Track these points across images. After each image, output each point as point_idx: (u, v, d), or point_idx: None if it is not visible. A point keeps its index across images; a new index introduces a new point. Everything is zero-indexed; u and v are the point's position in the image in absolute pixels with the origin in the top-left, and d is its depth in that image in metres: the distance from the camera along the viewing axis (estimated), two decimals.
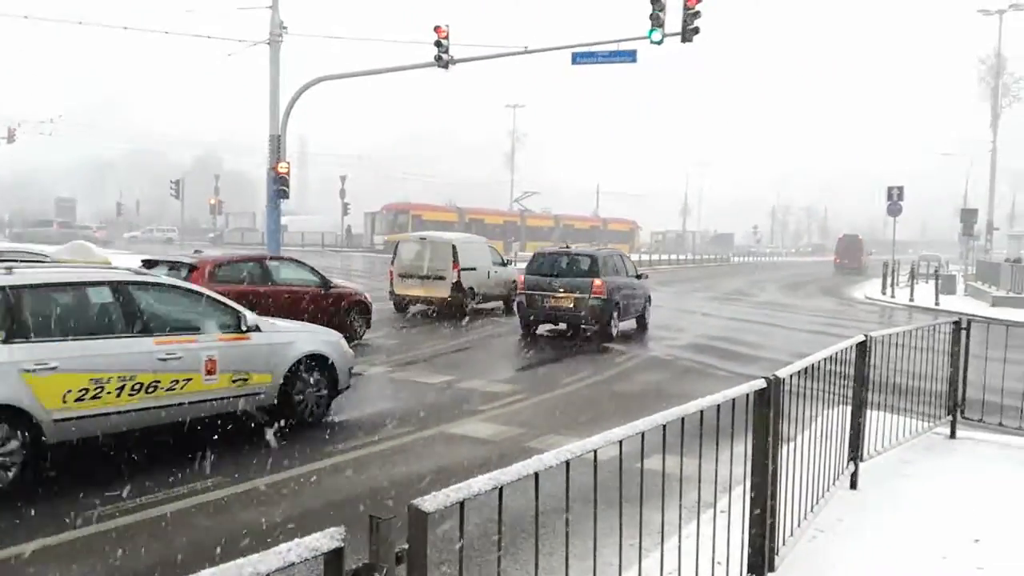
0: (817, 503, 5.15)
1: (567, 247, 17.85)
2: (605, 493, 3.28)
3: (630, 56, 24.30)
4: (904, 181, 35.68)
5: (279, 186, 26.63)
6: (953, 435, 7.84)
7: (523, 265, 18.37)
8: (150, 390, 6.69)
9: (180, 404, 6.98)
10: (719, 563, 3.94)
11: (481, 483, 2.36)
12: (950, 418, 7.87)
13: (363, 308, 14.81)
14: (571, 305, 15.42)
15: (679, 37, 22.71)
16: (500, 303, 20.52)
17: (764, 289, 36.44)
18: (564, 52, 25.35)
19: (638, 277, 17.78)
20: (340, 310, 14.09)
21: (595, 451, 2.89)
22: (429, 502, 2.17)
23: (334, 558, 1.95)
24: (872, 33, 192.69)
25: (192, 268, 12.23)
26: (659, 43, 22.77)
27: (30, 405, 5.94)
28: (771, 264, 73.59)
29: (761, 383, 4.02)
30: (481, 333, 16.73)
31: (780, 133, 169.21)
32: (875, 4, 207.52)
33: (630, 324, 17.43)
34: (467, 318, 18.15)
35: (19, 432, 5.89)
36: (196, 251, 15.48)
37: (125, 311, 6.82)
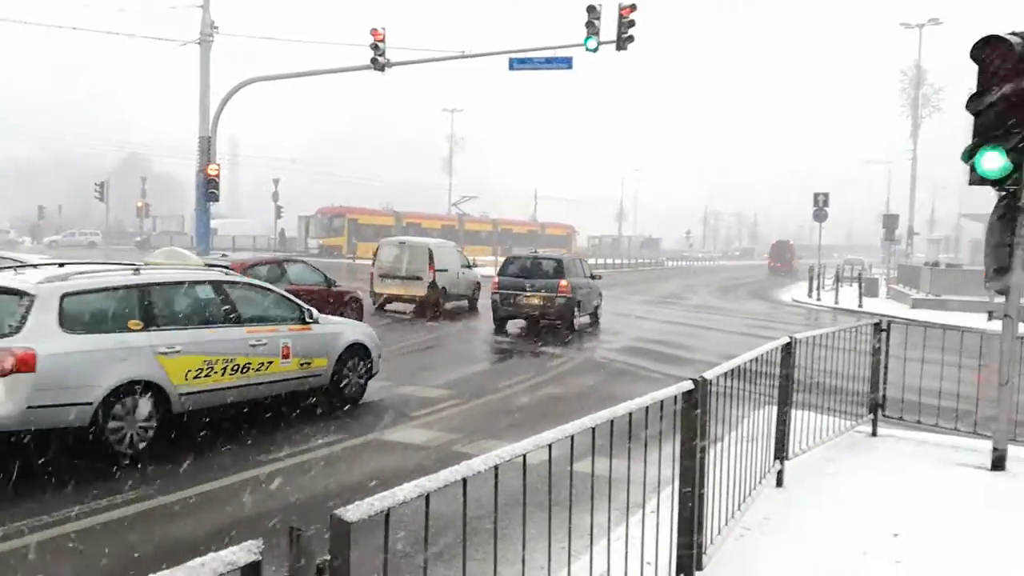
0: (744, 502, 5.25)
1: (536, 252, 20.73)
2: (536, 497, 3.28)
3: (566, 63, 24.62)
4: (830, 188, 36.86)
5: (209, 188, 26.04)
6: (874, 433, 8.11)
7: (483, 269, 22.38)
8: (244, 370, 8.08)
9: (265, 383, 8.39)
10: (648, 563, 3.99)
11: (407, 491, 2.33)
12: (871, 417, 8.14)
13: (358, 304, 17.13)
14: (540, 302, 17.48)
15: (614, 45, 23.07)
16: (465, 302, 22.53)
17: (696, 293, 37.18)
18: (502, 57, 25.49)
19: (593, 278, 20.13)
20: (341, 304, 16.11)
21: (524, 455, 2.89)
22: (352, 511, 2.13)
23: (252, 572, 1.90)
24: (802, 44, 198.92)
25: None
26: (594, 51, 23.12)
27: (163, 381, 7.25)
28: (703, 268, 75.15)
29: (688, 384, 4.08)
30: (427, 335, 16.62)
31: (712, 141, 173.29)
32: (806, 17, 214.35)
33: (585, 320, 19.38)
34: (427, 319, 19.14)
35: (155, 403, 7.17)
36: (223, 254, 17.92)
37: (223, 305, 8.18)
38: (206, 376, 7.63)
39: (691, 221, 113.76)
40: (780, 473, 6.23)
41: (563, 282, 17.52)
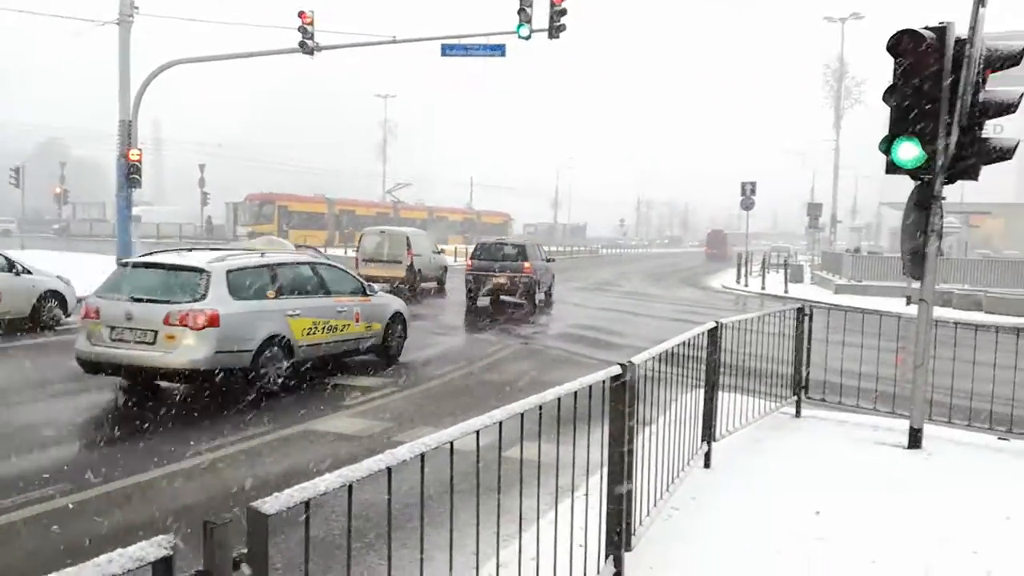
0: (673, 483, 5.35)
1: (502, 239, 24.28)
2: (466, 484, 3.26)
3: (499, 50, 24.52)
4: (757, 177, 37.74)
5: (130, 174, 25.08)
6: (798, 414, 8.36)
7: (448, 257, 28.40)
8: (334, 330, 10.54)
9: (345, 340, 10.85)
10: (580, 546, 4.01)
11: (328, 481, 2.27)
12: (795, 398, 8.39)
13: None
14: (506, 282, 20.93)
15: (547, 34, 23.09)
16: (435, 283, 26.34)
17: (630, 280, 37.69)
18: (434, 43, 25.22)
19: (548, 261, 24.14)
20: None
21: (451, 443, 2.86)
22: (270, 503, 2.07)
23: (163, 567, 1.82)
24: (731, 35, 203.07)
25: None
26: (527, 39, 23.08)
27: (290, 336, 9.62)
28: (636, 256, 76.22)
29: (616, 369, 4.11)
30: None
31: (644, 130, 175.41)
32: (735, 9, 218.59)
33: (542, 296, 22.58)
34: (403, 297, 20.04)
35: (286, 353, 9.54)
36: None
37: (318, 280, 10.69)
38: (313, 334, 10.10)
39: (624, 209, 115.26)
40: (708, 454, 6.36)
41: (527, 264, 21.08)
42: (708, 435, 6.35)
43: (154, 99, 26.29)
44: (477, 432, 3.02)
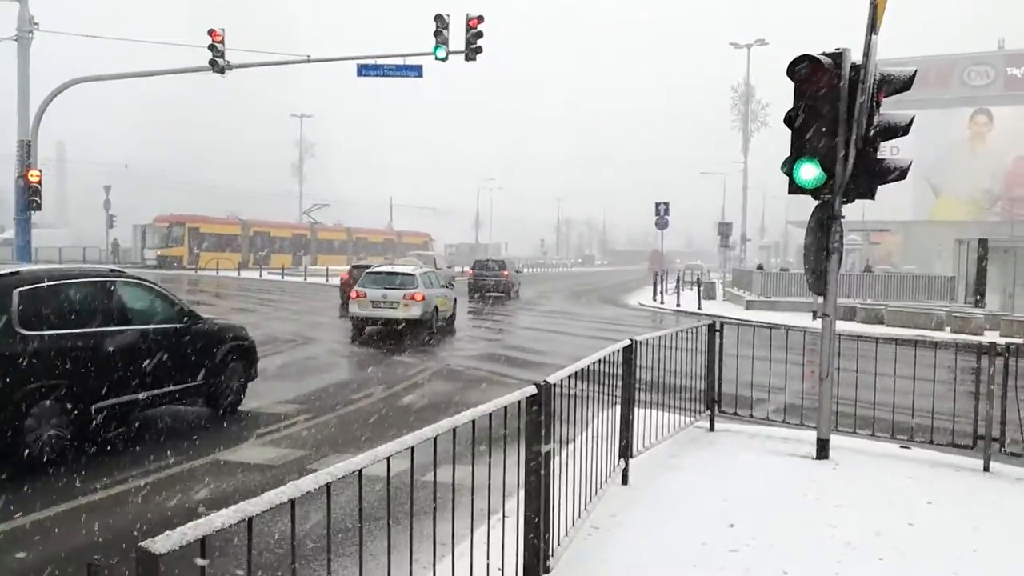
0: (591, 501, 5.35)
1: (492, 260, 37.29)
2: (379, 512, 3.17)
3: (416, 71, 24.51)
4: (672, 197, 38.79)
5: (30, 196, 23.93)
6: (712, 428, 8.53)
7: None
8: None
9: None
10: (498, 569, 3.96)
11: (225, 516, 2.16)
12: (709, 412, 8.56)
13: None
14: (495, 282, 34.82)
15: (463, 56, 23.22)
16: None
17: (550, 299, 37.99)
18: (351, 63, 25.03)
19: (518, 271, 38.57)
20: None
21: (360, 470, 2.77)
22: (161, 543, 1.95)
23: None
24: (646, 60, 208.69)
25: None
26: (443, 60, 23.18)
27: (441, 307, 20.19)
28: (556, 275, 76.97)
29: (532, 389, 4.09)
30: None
31: (562, 151, 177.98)
32: (648, 35, 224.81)
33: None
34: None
35: (436, 315, 19.75)
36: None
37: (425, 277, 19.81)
38: (438, 307, 19.55)
39: (545, 229, 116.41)
40: (625, 471, 6.40)
41: (505, 272, 35.37)
42: (625, 452, 6.40)
43: (57, 119, 25.17)
44: (388, 459, 2.94)
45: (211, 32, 23.37)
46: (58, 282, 7.62)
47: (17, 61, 24.05)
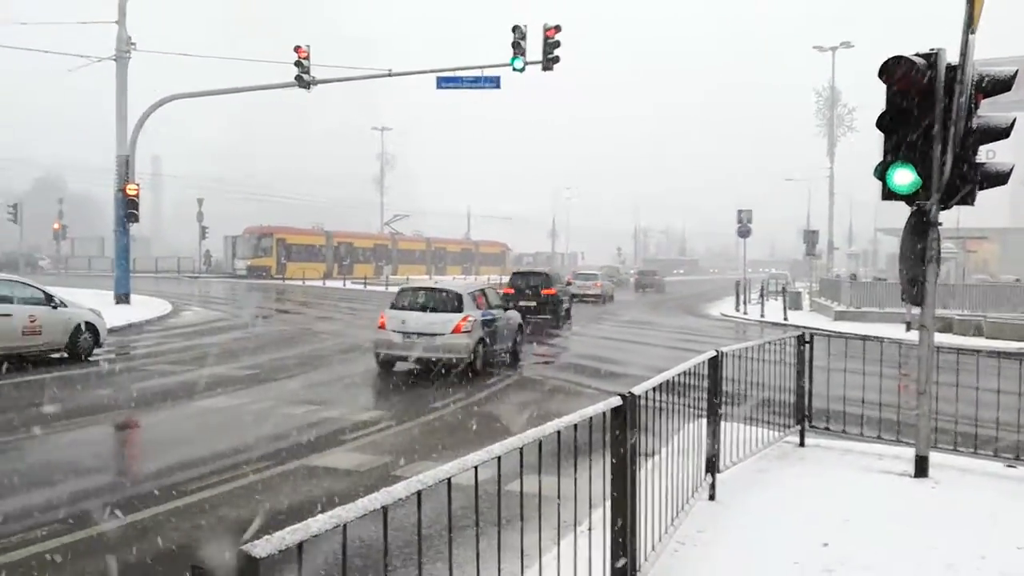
0: (677, 516, 5.24)
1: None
2: (466, 521, 3.18)
3: (494, 82, 24.74)
4: (753, 204, 37.98)
5: (129, 209, 25.15)
6: (802, 443, 8.25)
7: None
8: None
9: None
10: None
11: (321, 522, 2.19)
12: (799, 427, 8.28)
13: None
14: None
15: (540, 66, 23.33)
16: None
17: (629, 308, 37.63)
18: (430, 76, 25.46)
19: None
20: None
21: (449, 479, 2.78)
22: (261, 547, 1.99)
23: None
24: (727, 64, 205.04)
25: None
26: (521, 71, 23.34)
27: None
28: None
29: (617, 400, 4.03)
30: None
31: (639, 160, 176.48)
32: (727, 37, 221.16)
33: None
34: None
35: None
36: None
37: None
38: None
39: (622, 238, 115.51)
40: (712, 486, 6.25)
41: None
42: (712, 466, 6.25)
43: (153, 134, 26.39)
44: (476, 468, 2.94)
45: (297, 49, 24.15)
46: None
47: (116, 80, 25.37)
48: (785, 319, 28.61)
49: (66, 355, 14.36)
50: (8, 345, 13.44)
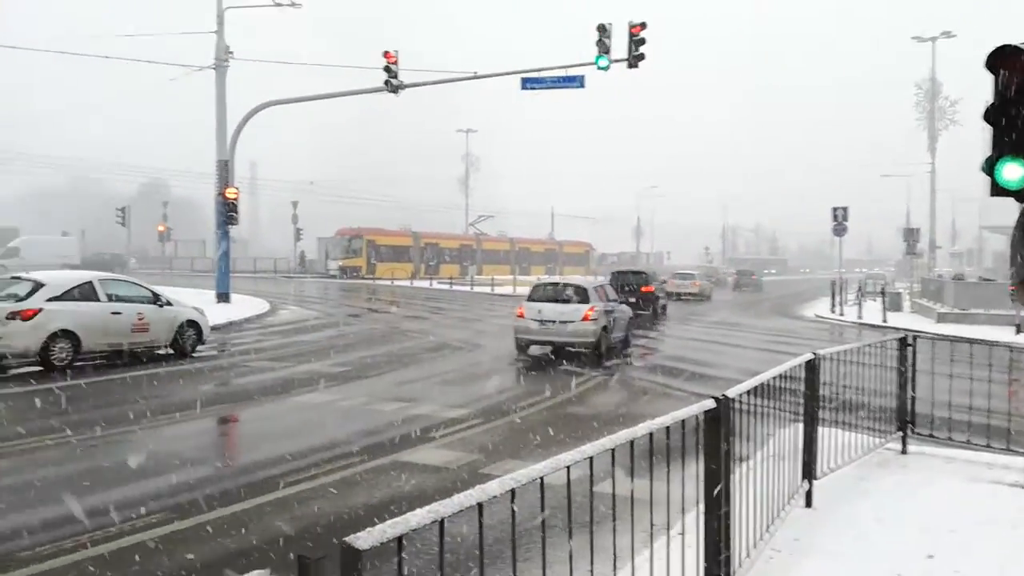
0: (773, 523, 5.11)
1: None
2: (557, 519, 3.18)
3: (577, 81, 24.63)
4: (848, 201, 36.49)
5: (228, 212, 26.21)
6: (904, 450, 7.91)
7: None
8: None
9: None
10: None
11: (420, 516, 2.24)
12: (901, 434, 7.94)
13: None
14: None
15: (625, 63, 23.11)
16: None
17: (717, 309, 36.87)
18: (513, 77, 25.57)
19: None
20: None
21: (542, 478, 2.79)
22: (363, 539, 2.05)
23: None
24: (816, 57, 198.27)
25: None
26: (605, 69, 23.17)
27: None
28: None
29: (710, 403, 3.96)
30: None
31: (727, 156, 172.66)
32: (820, 30, 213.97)
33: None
34: None
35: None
36: None
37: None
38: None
39: (709, 236, 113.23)
40: (809, 492, 6.06)
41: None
42: (808, 472, 6.06)
43: (250, 139, 27.41)
44: (568, 467, 2.95)
45: (385, 54, 24.66)
46: None
47: (215, 88, 26.49)
48: (884, 321, 27.46)
49: (171, 351, 15.10)
50: (118, 341, 14.23)
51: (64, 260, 44.94)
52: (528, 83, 25.27)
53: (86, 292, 13.92)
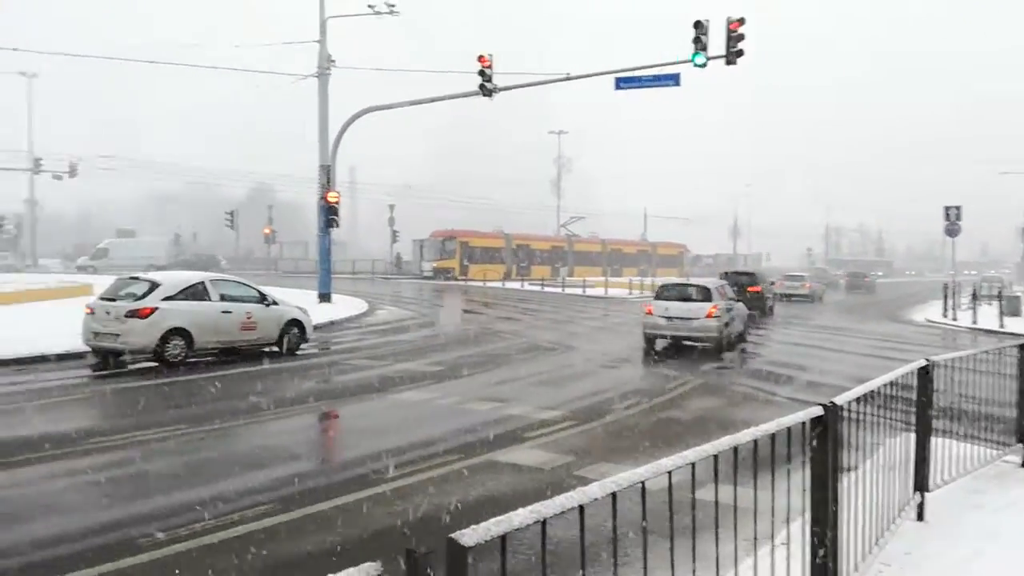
0: (882, 535, 4.90)
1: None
2: (656, 525, 3.14)
3: (673, 80, 24.22)
4: (961, 200, 34.56)
5: (329, 215, 27.08)
6: None
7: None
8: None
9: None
10: None
11: (523, 516, 2.26)
12: (1021, 446, 7.47)
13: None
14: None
15: (723, 60, 22.61)
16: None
17: (820, 312, 35.60)
18: (608, 77, 25.37)
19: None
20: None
21: (643, 482, 2.77)
22: (469, 536, 2.08)
23: None
24: (921, 49, 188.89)
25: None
26: (703, 66, 22.69)
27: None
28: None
29: (818, 410, 3.84)
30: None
31: (828, 154, 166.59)
32: (923, 21, 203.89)
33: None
34: None
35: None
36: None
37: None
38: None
39: (811, 237, 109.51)
40: (921, 505, 5.78)
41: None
42: (921, 484, 5.78)
43: (350, 144, 28.25)
44: (669, 473, 2.91)
45: (480, 58, 24.89)
46: None
47: (318, 95, 27.40)
48: (1001, 326, 25.91)
49: (276, 349, 15.72)
50: (227, 339, 14.93)
51: (150, 262, 47.44)
52: (622, 83, 25.01)
53: (198, 292, 14.66)
